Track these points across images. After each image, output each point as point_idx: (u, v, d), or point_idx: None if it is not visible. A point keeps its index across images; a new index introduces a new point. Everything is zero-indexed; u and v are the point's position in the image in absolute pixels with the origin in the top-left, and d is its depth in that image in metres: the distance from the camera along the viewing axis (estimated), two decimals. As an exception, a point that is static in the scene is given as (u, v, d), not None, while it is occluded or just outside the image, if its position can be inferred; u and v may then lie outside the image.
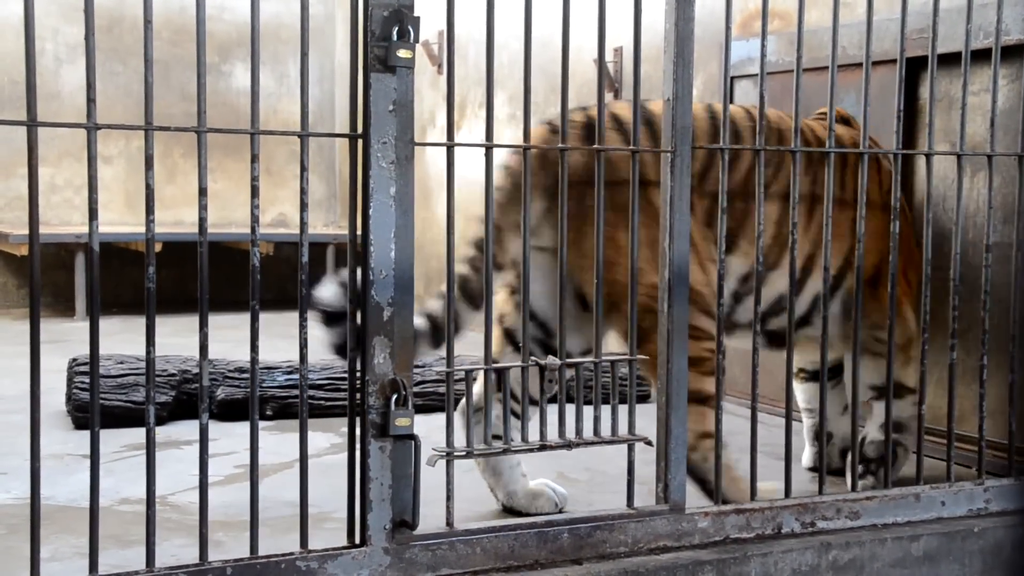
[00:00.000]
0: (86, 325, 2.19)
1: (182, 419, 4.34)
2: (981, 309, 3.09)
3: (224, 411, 4.35)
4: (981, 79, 3.54)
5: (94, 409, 2.16)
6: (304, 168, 2.32)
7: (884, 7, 3.67)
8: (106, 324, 2.78)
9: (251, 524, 2.31)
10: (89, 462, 2.16)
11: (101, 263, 2.16)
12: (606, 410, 2.65)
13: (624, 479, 2.69)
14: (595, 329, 2.66)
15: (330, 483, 2.70)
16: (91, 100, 2.10)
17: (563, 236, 2.61)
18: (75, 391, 4.21)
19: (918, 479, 3.02)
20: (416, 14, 2.32)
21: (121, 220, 8.22)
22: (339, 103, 8.99)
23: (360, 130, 2.36)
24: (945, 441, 3.09)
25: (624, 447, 2.68)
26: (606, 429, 2.66)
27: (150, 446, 2.21)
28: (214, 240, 7.14)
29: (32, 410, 2.09)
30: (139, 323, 2.39)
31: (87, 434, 2.18)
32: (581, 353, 3.05)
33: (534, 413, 2.76)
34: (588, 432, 2.64)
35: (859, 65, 3.17)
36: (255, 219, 2.29)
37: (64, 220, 8.13)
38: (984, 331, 3.09)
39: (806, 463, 3.72)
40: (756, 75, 3.33)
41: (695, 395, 2.86)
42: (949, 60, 3.36)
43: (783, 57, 4.35)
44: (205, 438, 2.27)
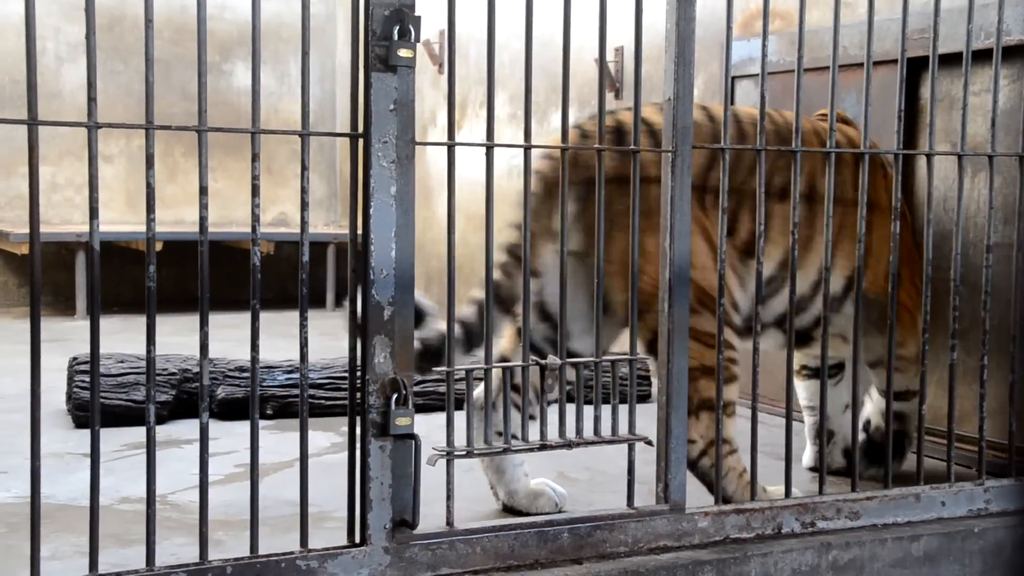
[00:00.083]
0: (86, 324, 2.19)
1: (182, 418, 4.34)
2: (982, 309, 3.09)
3: (224, 410, 4.35)
4: (982, 79, 3.54)
5: (94, 408, 2.16)
6: (305, 167, 2.32)
7: (885, 7, 3.67)
8: (106, 323, 2.78)
9: (251, 523, 2.31)
10: (89, 461, 2.16)
11: (102, 262, 2.16)
12: (606, 410, 2.65)
13: (624, 479, 2.69)
14: (596, 329, 2.66)
15: (330, 482, 2.70)
16: (92, 99, 2.10)
17: (563, 237, 2.61)
18: (75, 390, 4.22)
19: (918, 479, 3.02)
20: (417, 13, 2.32)
21: (122, 219, 8.23)
22: (340, 102, 8.99)
23: (361, 129, 2.36)
24: (945, 441, 3.10)
25: (624, 447, 2.68)
26: (606, 429, 2.66)
27: (150, 445, 2.21)
28: (215, 239, 7.15)
29: (32, 409, 2.10)
30: (139, 322, 2.39)
31: (87, 433, 2.19)
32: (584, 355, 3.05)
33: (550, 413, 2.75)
34: (588, 432, 2.64)
35: (860, 65, 3.17)
36: (256, 218, 2.29)
37: (65, 219, 8.13)
38: (984, 331, 3.09)
39: (807, 463, 3.72)
40: (757, 75, 3.32)
41: (705, 403, 2.90)
42: (950, 60, 3.36)
43: (784, 57, 4.34)
44: (205, 437, 2.27)
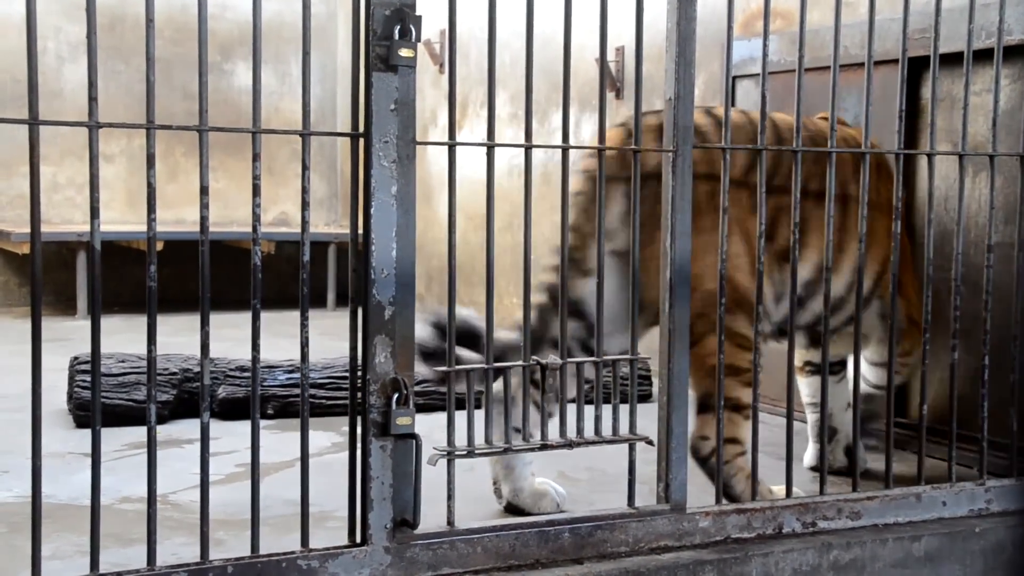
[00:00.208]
0: (87, 324, 2.19)
1: (183, 418, 4.34)
2: (983, 309, 3.09)
3: (225, 410, 4.35)
4: (983, 79, 3.53)
5: (95, 407, 2.16)
6: (306, 167, 2.32)
7: (886, 7, 3.67)
8: (107, 323, 2.78)
9: (252, 523, 2.31)
10: (90, 460, 2.16)
11: (103, 262, 2.16)
12: (607, 409, 2.65)
13: (625, 478, 2.69)
14: (597, 328, 2.66)
15: (331, 482, 2.70)
16: (93, 99, 2.10)
17: (564, 236, 2.61)
18: (76, 389, 4.22)
19: (919, 479, 3.02)
20: (418, 13, 2.32)
21: (123, 219, 8.23)
22: (341, 102, 8.99)
23: (362, 129, 2.36)
24: (947, 441, 3.09)
25: (625, 447, 2.68)
26: (607, 429, 2.66)
27: (151, 445, 2.21)
28: (216, 239, 7.15)
29: (33, 408, 2.10)
30: (140, 322, 2.39)
31: (88, 432, 2.19)
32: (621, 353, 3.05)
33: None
34: (589, 431, 2.64)
35: (861, 65, 3.17)
36: (256, 218, 2.29)
37: (66, 219, 8.13)
38: (986, 331, 3.09)
39: (808, 462, 3.72)
40: (758, 75, 3.32)
41: (730, 402, 2.93)
42: (951, 60, 3.36)
43: (785, 57, 4.34)
44: (206, 437, 2.27)
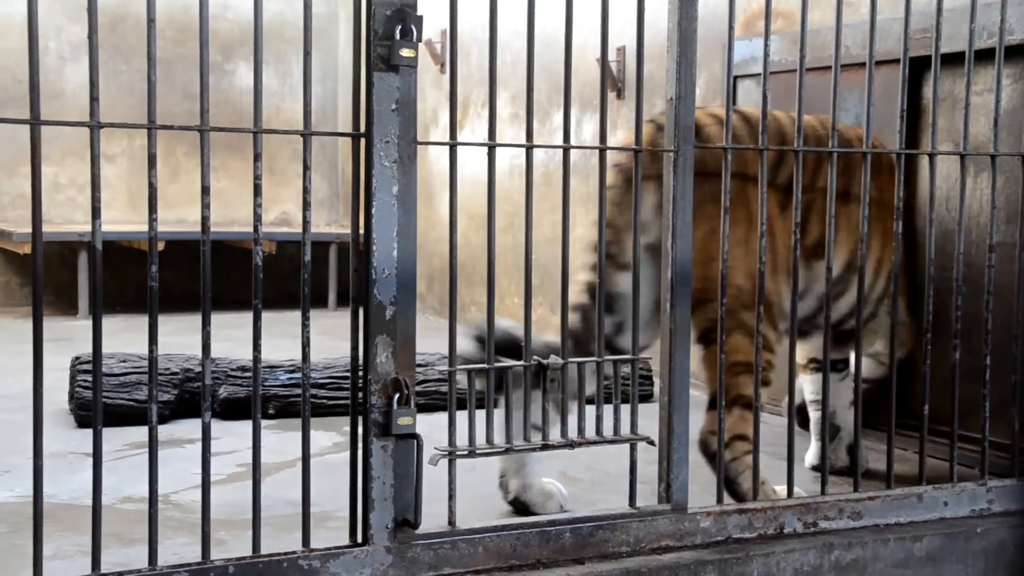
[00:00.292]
0: (89, 323, 2.19)
1: (184, 418, 4.34)
2: (984, 309, 3.09)
3: (226, 410, 4.35)
4: (984, 79, 3.53)
5: (97, 407, 2.16)
6: (307, 167, 2.32)
7: (887, 7, 3.67)
8: (109, 322, 2.78)
9: (253, 523, 2.31)
10: (92, 460, 2.16)
11: (104, 262, 2.16)
12: (608, 409, 2.65)
13: (626, 478, 2.69)
14: (598, 327, 2.66)
15: (332, 482, 2.70)
16: (94, 99, 2.10)
17: (565, 235, 2.61)
18: (78, 389, 4.22)
19: (921, 479, 3.01)
20: (419, 13, 2.32)
21: (124, 219, 8.23)
22: (342, 102, 8.99)
23: (363, 129, 2.36)
24: (948, 441, 3.09)
25: (626, 446, 2.68)
26: (608, 428, 2.66)
27: (152, 444, 2.22)
28: (217, 239, 7.14)
29: (35, 408, 2.10)
30: (142, 321, 2.39)
31: (90, 432, 2.19)
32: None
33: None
34: (590, 431, 2.64)
35: (862, 65, 3.17)
36: (258, 218, 2.30)
37: (67, 219, 8.14)
38: (987, 331, 3.09)
39: (810, 462, 3.71)
40: (759, 75, 3.32)
41: (741, 400, 2.95)
42: (952, 60, 3.35)
43: (786, 57, 4.34)
44: (207, 437, 2.27)
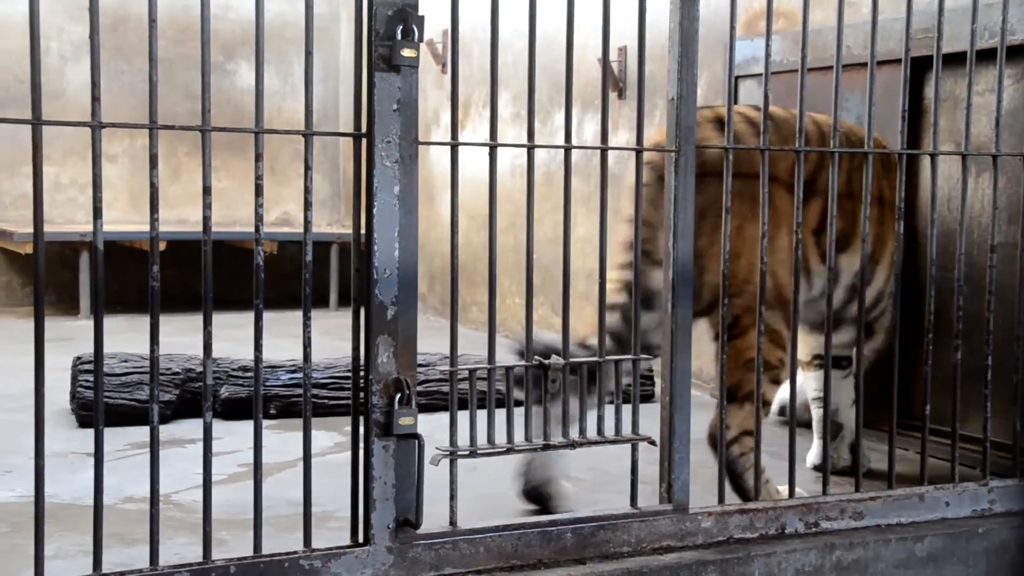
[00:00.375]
0: (90, 323, 2.19)
1: (186, 417, 4.34)
2: (986, 309, 3.09)
3: (228, 410, 4.35)
4: (986, 79, 3.53)
5: (98, 407, 2.16)
6: (308, 167, 2.32)
7: (889, 7, 3.66)
8: (110, 322, 2.78)
9: (255, 523, 2.31)
10: (93, 460, 2.17)
11: (105, 262, 2.16)
12: (610, 409, 2.65)
13: (627, 479, 2.69)
14: (600, 327, 2.66)
15: (334, 482, 2.70)
16: (96, 99, 2.10)
17: (567, 229, 2.61)
18: (79, 389, 4.22)
19: (922, 480, 3.01)
20: (420, 13, 2.33)
21: (125, 219, 8.23)
22: (343, 102, 8.98)
23: (364, 129, 2.36)
24: (949, 441, 3.09)
25: (628, 447, 2.68)
26: (610, 429, 2.66)
27: (154, 444, 2.22)
28: (218, 239, 7.13)
29: (37, 408, 2.10)
30: (143, 321, 2.39)
31: (91, 432, 2.19)
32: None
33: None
34: (592, 432, 2.64)
35: (864, 65, 3.17)
36: (259, 218, 2.30)
37: (69, 219, 8.14)
38: (988, 331, 3.09)
39: (811, 462, 3.71)
40: (760, 75, 3.32)
41: (752, 397, 2.95)
42: (954, 60, 3.35)
43: (787, 57, 4.34)
44: (209, 437, 2.27)
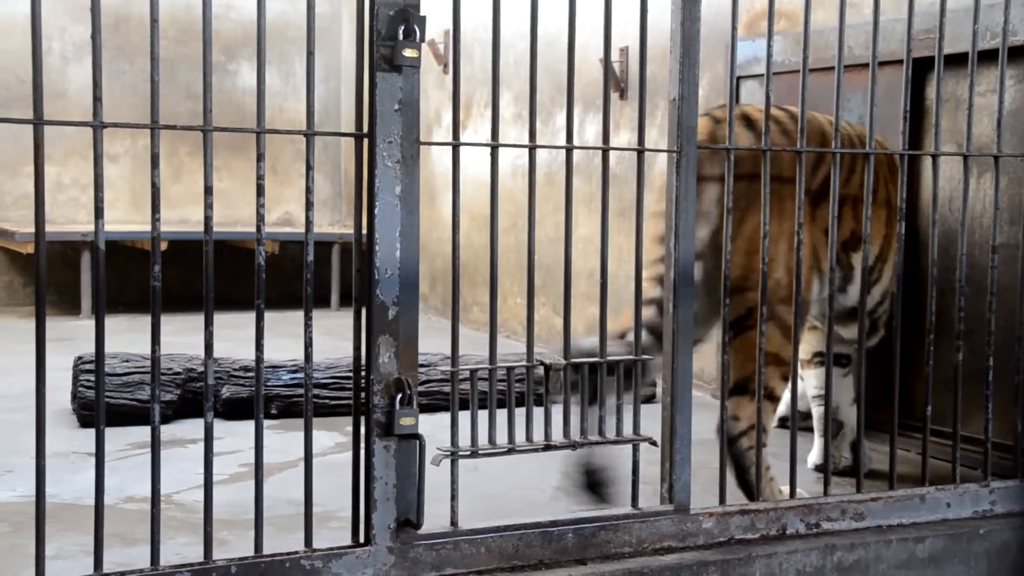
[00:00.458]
0: (92, 323, 2.19)
1: (187, 417, 4.34)
2: (987, 310, 3.08)
3: (229, 410, 4.36)
4: (988, 80, 3.53)
5: (99, 407, 2.16)
6: (310, 167, 2.32)
7: (891, 7, 3.66)
8: (111, 322, 2.78)
9: (256, 523, 2.31)
10: (94, 460, 2.17)
11: (107, 262, 2.16)
12: (611, 409, 2.65)
13: (628, 479, 2.69)
14: (601, 327, 2.66)
15: (335, 482, 2.70)
16: (97, 99, 2.10)
17: (568, 228, 2.61)
18: (80, 389, 4.22)
19: (923, 480, 3.01)
20: (422, 13, 2.33)
21: (127, 219, 8.23)
22: (345, 102, 8.98)
23: (366, 129, 2.36)
24: (951, 442, 3.09)
25: (628, 447, 2.68)
26: (611, 429, 2.66)
27: (155, 444, 2.22)
28: (220, 239, 7.15)
29: (38, 408, 2.10)
30: (144, 321, 2.39)
31: (92, 432, 2.19)
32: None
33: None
34: (593, 432, 2.64)
35: (865, 66, 3.17)
36: (260, 218, 2.30)
37: (70, 218, 8.14)
38: (990, 332, 3.08)
39: (813, 462, 3.71)
40: (762, 75, 3.32)
41: (766, 391, 2.98)
42: (956, 61, 3.35)
43: (789, 57, 4.34)
44: (210, 437, 2.27)
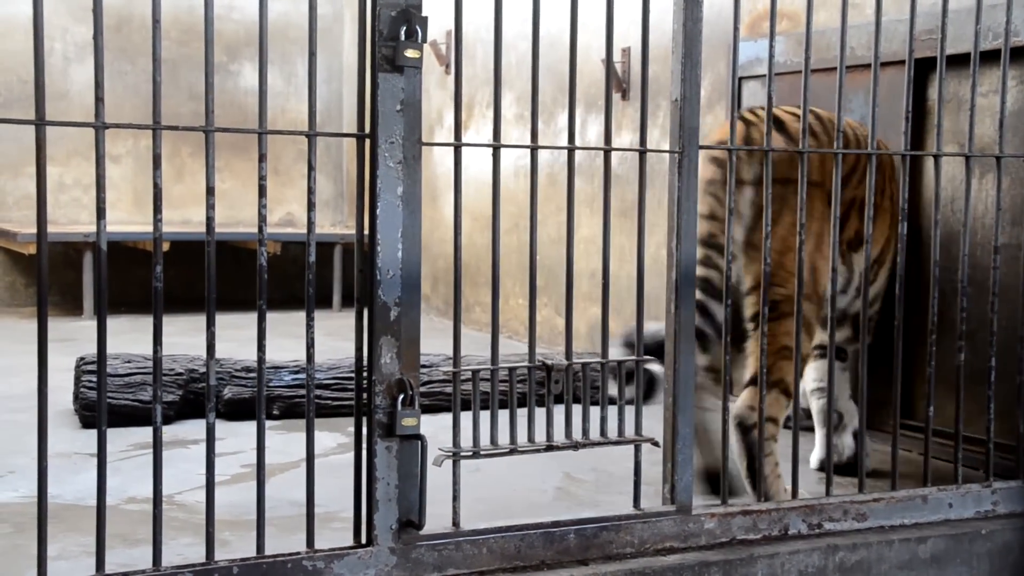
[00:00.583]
0: (94, 324, 2.19)
1: (189, 418, 4.34)
2: (989, 311, 3.08)
3: (231, 410, 4.35)
4: (990, 80, 3.53)
5: (101, 408, 2.16)
6: (311, 168, 2.32)
7: (892, 8, 3.66)
8: (113, 323, 2.78)
9: (258, 523, 2.31)
10: (96, 461, 2.17)
11: (109, 262, 2.17)
12: (612, 410, 2.65)
13: (630, 480, 2.68)
14: (603, 328, 2.66)
15: (337, 483, 2.70)
16: (99, 99, 2.10)
17: (570, 226, 2.61)
18: (82, 390, 4.22)
19: (925, 481, 3.01)
20: (424, 14, 2.33)
21: (129, 219, 8.23)
22: (347, 103, 8.99)
23: (368, 130, 2.36)
24: (952, 443, 3.09)
25: (630, 448, 2.68)
26: (613, 430, 2.66)
27: (157, 445, 2.22)
28: (221, 239, 7.12)
29: (40, 409, 2.10)
30: (146, 322, 2.39)
31: (94, 433, 2.19)
32: None
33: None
34: (595, 433, 2.64)
35: (867, 66, 3.17)
36: (262, 218, 2.30)
37: (72, 219, 8.14)
38: (992, 332, 3.08)
39: (814, 463, 3.70)
40: (764, 76, 3.32)
41: (781, 384, 3.03)
42: (958, 61, 3.35)
43: (791, 58, 4.34)
44: (212, 437, 2.27)
